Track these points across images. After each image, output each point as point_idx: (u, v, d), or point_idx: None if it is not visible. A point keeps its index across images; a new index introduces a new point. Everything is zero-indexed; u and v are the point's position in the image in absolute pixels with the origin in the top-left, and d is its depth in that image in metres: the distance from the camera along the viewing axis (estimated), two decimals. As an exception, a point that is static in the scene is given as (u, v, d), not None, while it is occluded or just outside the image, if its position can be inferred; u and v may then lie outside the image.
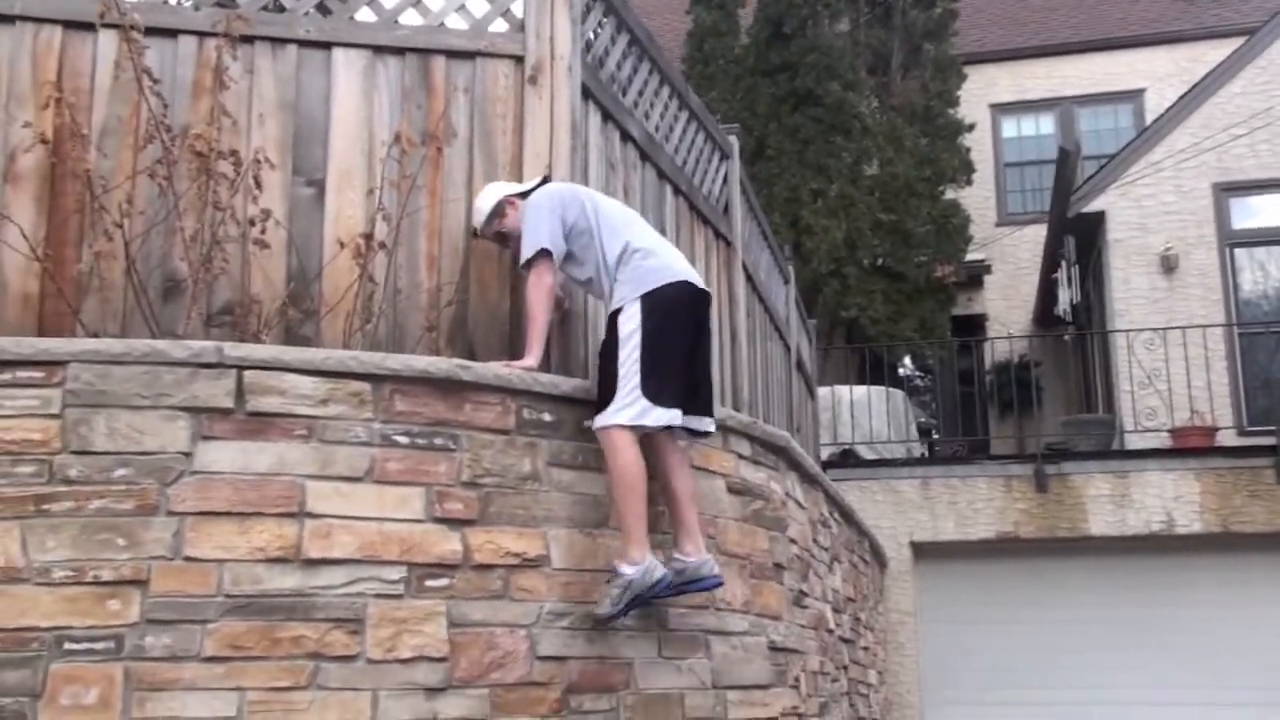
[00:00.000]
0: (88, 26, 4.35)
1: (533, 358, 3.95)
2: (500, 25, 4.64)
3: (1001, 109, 18.75)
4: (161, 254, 4.22)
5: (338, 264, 4.24)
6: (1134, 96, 18.39)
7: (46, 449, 3.34)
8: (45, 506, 3.30)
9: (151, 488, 3.36)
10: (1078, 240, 14.38)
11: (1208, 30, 18.28)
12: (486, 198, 4.31)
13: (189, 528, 3.36)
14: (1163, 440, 12.06)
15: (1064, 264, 14.57)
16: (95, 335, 3.91)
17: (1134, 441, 12.31)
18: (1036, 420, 13.61)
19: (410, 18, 4.65)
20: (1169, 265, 13.47)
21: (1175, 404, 12.18)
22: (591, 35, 4.95)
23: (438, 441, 3.66)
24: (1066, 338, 15.77)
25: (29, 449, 3.34)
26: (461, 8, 4.67)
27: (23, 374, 3.39)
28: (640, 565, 3.77)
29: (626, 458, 3.78)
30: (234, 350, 3.51)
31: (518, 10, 4.65)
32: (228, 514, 3.39)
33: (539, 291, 4.02)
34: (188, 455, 3.40)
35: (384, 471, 3.56)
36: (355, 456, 3.54)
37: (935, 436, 16.26)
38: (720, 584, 4.12)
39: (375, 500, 3.54)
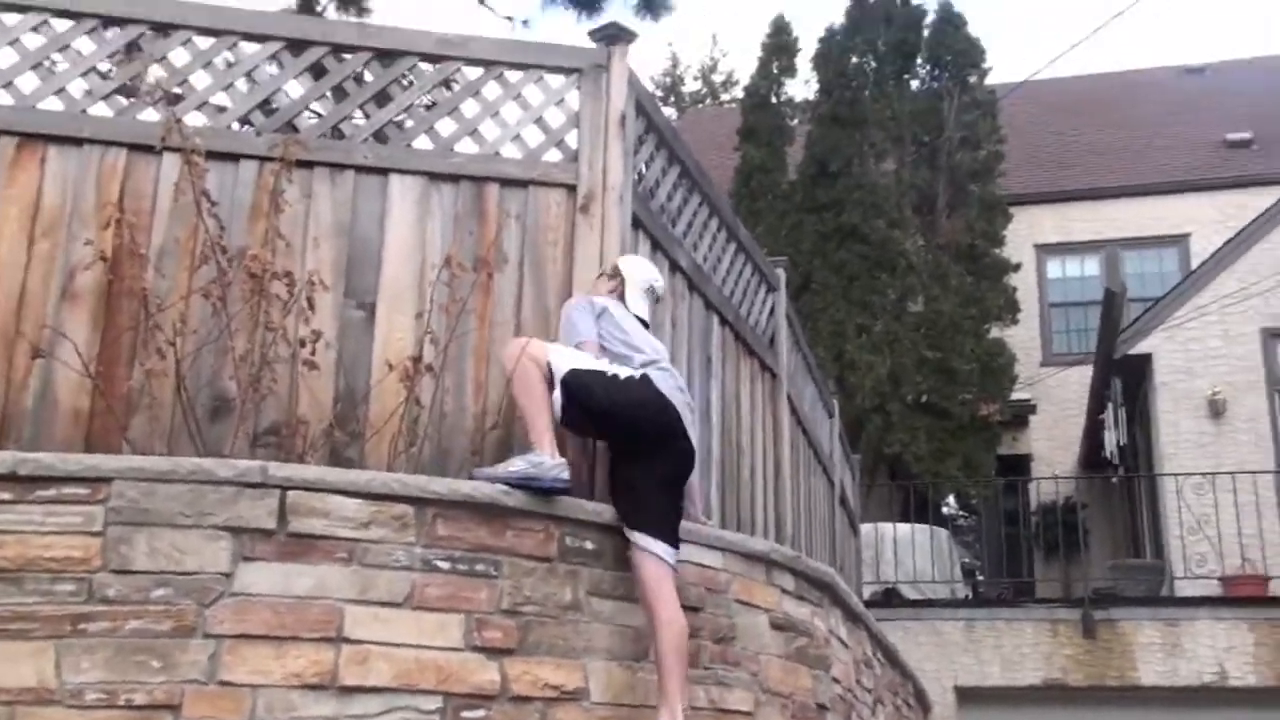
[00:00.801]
0: (152, 149, 4.45)
1: None
2: (554, 155, 4.71)
3: (1047, 249, 18.81)
4: (211, 373, 4.25)
5: (385, 386, 4.24)
6: (1179, 241, 18.41)
7: (86, 567, 3.32)
8: (82, 626, 3.27)
9: (190, 608, 3.32)
10: (1124, 382, 14.27)
11: (1252, 178, 18.36)
12: None
13: (225, 650, 3.31)
14: (1213, 588, 11.78)
15: (1110, 406, 14.44)
16: (142, 453, 3.92)
17: (1184, 588, 12.03)
18: (1083, 564, 13.35)
19: (465, 145, 4.73)
20: (1217, 409, 13.32)
21: (1225, 551, 11.91)
22: (643, 166, 5.02)
23: (479, 568, 3.61)
24: (1114, 480, 15.55)
25: (69, 567, 3.32)
26: (516, 137, 4.75)
27: (68, 490, 3.38)
28: None
29: None
30: (279, 470, 3.50)
31: (571, 141, 4.72)
32: (265, 637, 3.34)
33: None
34: (228, 576, 3.37)
35: (424, 597, 3.51)
36: (396, 581, 3.49)
37: (979, 578, 15.97)
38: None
39: (414, 627, 3.48)
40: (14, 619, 3.23)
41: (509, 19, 11.69)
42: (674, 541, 3.86)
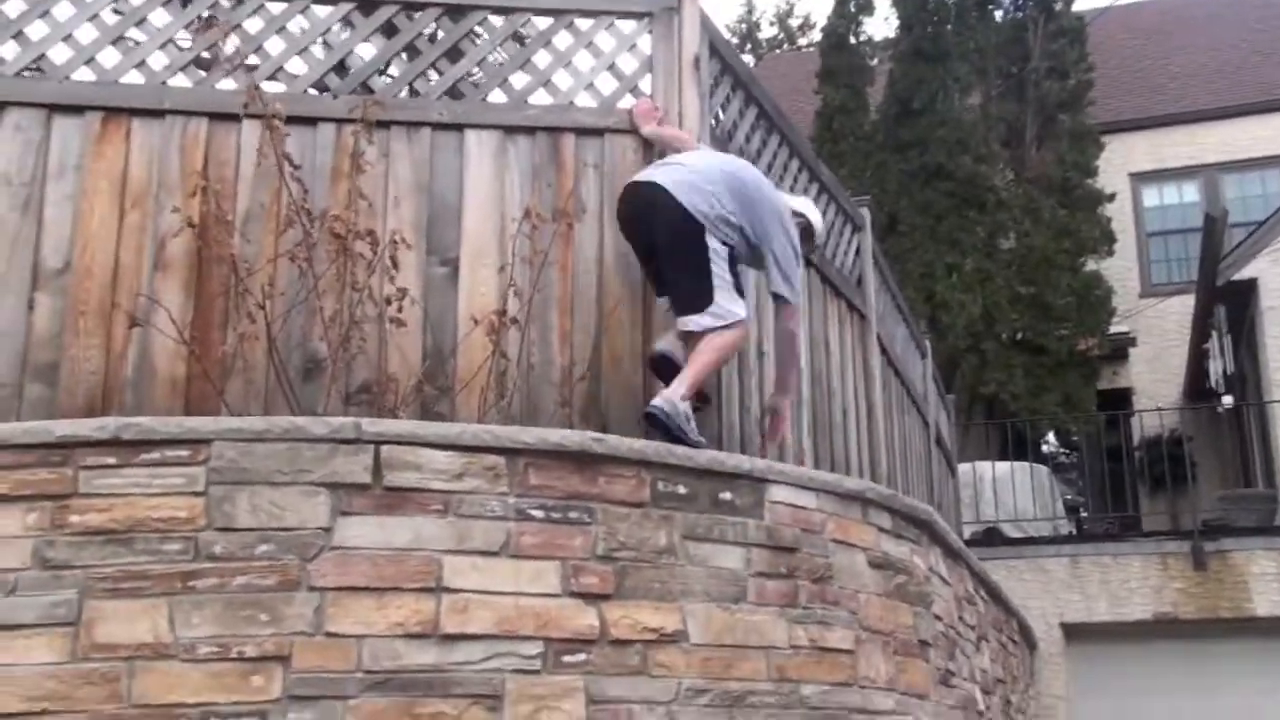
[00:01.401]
0: (232, 118, 4.51)
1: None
2: (628, 101, 4.68)
3: (1142, 178, 18.33)
4: (301, 334, 4.31)
5: (471, 341, 4.27)
6: (1281, 161, 17.82)
7: (192, 526, 3.39)
8: (191, 583, 3.34)
9: (293, 564, 3.38)
10: (1228, 310, 13.89)
11: (1358, 91, 17.68)
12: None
13: (329, 603, 3.36)
14: (1329, 516, 11.48)
15: (1215, 334, 14.07)
16: (239, 415, 4.00)
17: (1298, 516, 11.73)
18: (1191, 496, 13.07)
19: (539, 97, 4.72)
20: (1327, 333, 12.92)
21: (1341, 476, 11.59)
22: (720, 109, 4.97)
23: (572, 515, 3.62)
24: (1220, 410, 15.15)
25: (176, 526, 3.39)
26: (590, 86, 4.73)
27: (170, 453, 3.45)
28: None
29: None
30: (371, 426, 3.54)
31: (645, 86, 4.69)
32: (366, 589, 3.39)
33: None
34: (327, 531, 3.42)
35: (520, 546, 3.53)
36: (491, 531, 3.52)
37: (1083, 514, 15.72)
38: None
39: (511, 575, 3.51)
40: (127, 578, 3.32)
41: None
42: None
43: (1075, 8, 17.64)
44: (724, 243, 4.23)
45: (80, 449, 3.39)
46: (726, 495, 3.87)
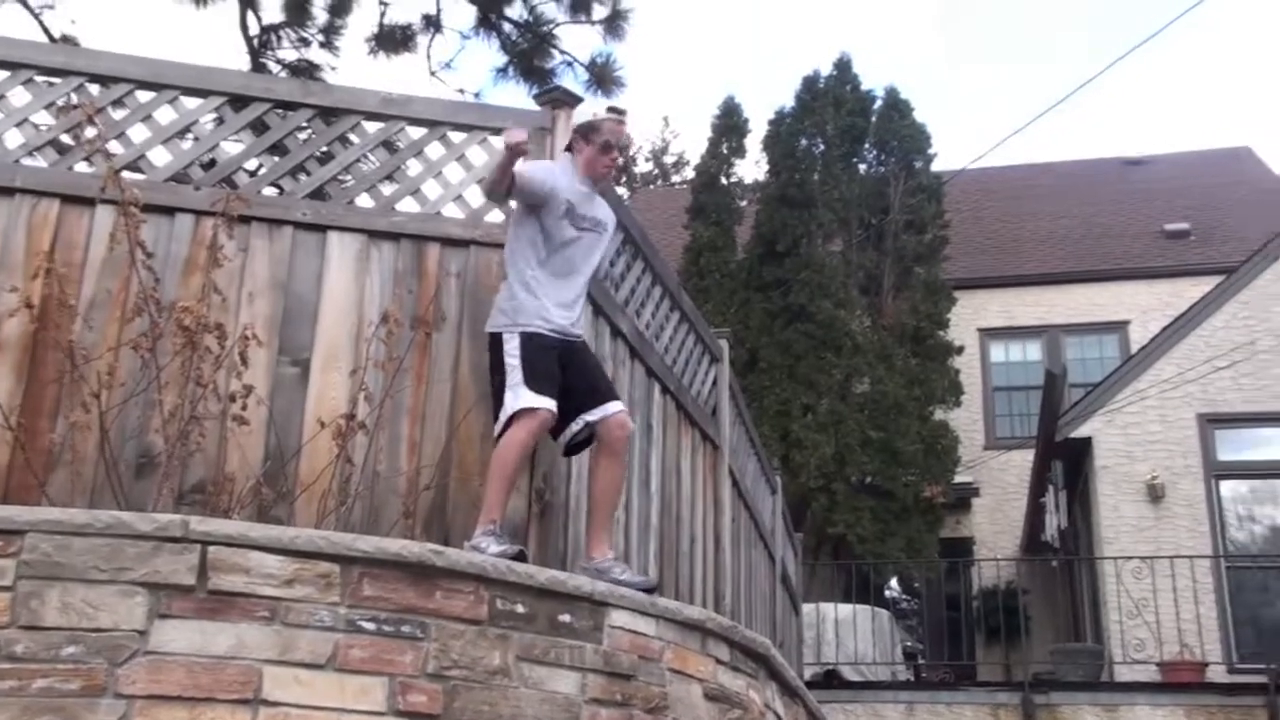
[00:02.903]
0: (86, 201, 4.39)
1: None
2: (496, 215, 4.69)
3: (990, 334, 19.06)
4: (138, 428, 4.15)
5: (317, 444, 4.16)
6: (1119, 327, 18.73)
7: (-6, 622, 3.19)
8: (-13, 684, 3.13)
9: (100, 668, 3.18)
10: (1065, 466, 14.37)
11: (1190, 268, 18.77)
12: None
13: (136, 712, 3.17)
14: (1152, 673, 11.78)
15: (1051, 489, 14.52)
16: (62, 508, 3.80)
17: (1123, 673, 12.03)
18: (1024, 648, 13.31)
19: (407, 204, 4.70)
20: (1156, 494, 13.42)
21: (1164, 636, 11.94)
22: (586, 230, 4.99)
23: (405, 629, 3.50)
24: (1054, 564, 15.58)
25: (-25, 622, 3.19)
26: (459, 197, 4.73)
27: (-21, 543, 3.26)
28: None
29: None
30: (200, 525, 3.39)
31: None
32: (179, 698, 3.21)
33: None
34: (142, 634, 3.24)
35: (347, 659, 3.39)
36: (318, 641, 3.37)
37: (921, 661, 15.88)
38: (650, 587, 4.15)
39: (336, 690, 3.36)
40: (-85, 675, 3.10)
41: (460, 91, 11.75)
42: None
43: (934, 167, 18.44)
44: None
45: (-121, 534, 3.19)
46: (565, 617, 3.79)
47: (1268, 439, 13.61)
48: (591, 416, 4.25)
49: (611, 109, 4.55)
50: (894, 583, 18.26)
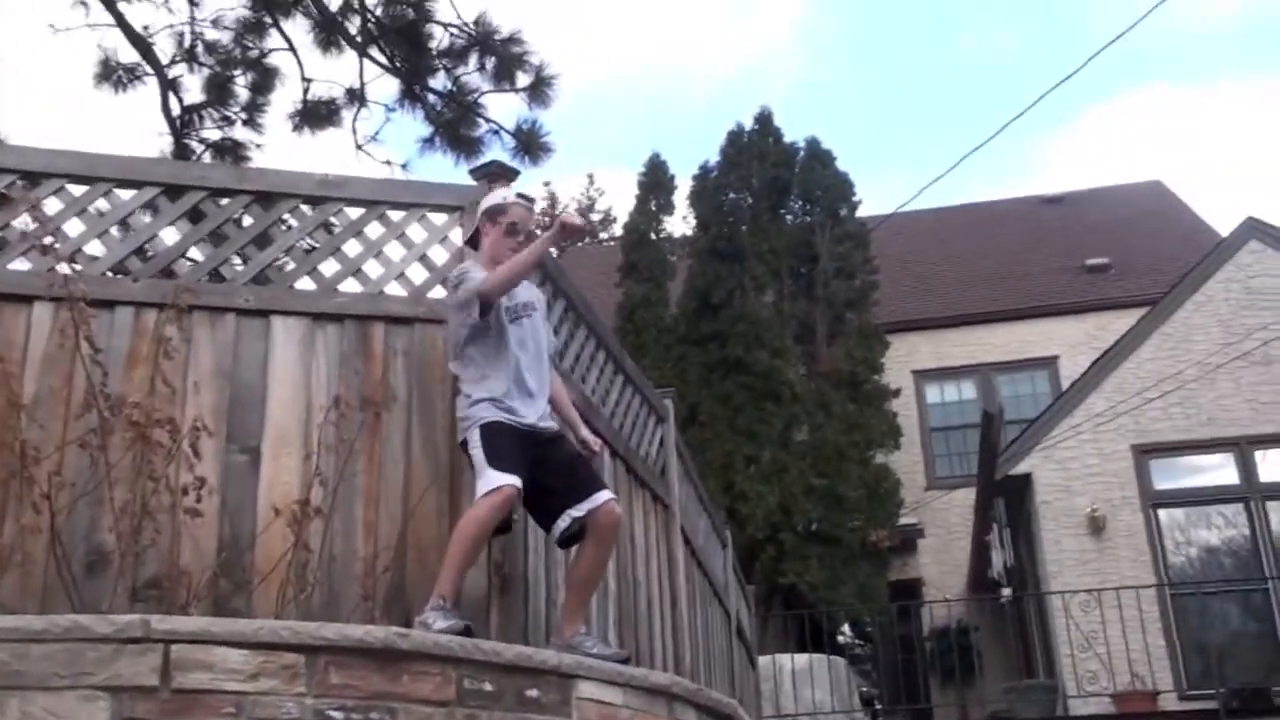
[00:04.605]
0: (24, 299, 4.34)
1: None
2: (439, 291, 4.70)
3: (924, 375, 19.30)
4: (89, 526, 4.09)
5: (272, 532, 4.12)
6: (1049, 363, 19.06)
7: (-48, 735, 3.12)
8: (-55, 800, 3.06)
9: (64, 776, 3.13)
10: (1007, 502, 14.55)
11: (1112, 301, 19.17)
12: None
13: (104, 818, 3.11)
14: (1105, 705, 11.91)
15: (995, 527, 14.68)
16: (12, 613, 3.73)
17: (1077, 707, 12.14)
18: (979, 686, 13.38)
19: (349, 285, 4.71)
20: (1097, 526, 13.63)
21: (1115, 667, 12.08)
22: (529, 301, 5.02)
23: (373, 716, 3.46)
24: (1003, 601, 15.71)
25: (-67, 736, 3.12)
26: (401, 275, 4.75)
27: (-68, 654, 3.19)
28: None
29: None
30: (161, 624, 3.34)
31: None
32: (145, 804, 3.16)
33: None
34: (106, 739, 3.19)
35: (316, 751, 3.36)
36: (286, 735, 3.34)
37: (878, 706, 15.91)
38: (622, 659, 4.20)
39: (306, 782, 3.32)
40: None
41: (387, 163, 11.76)
42: None
43: (860, 213, 18.73)
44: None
45: None
46: (533, 692, 3.78)
47: (1200, 466, 13.90)
48: (578, 512, 4.24)
49: (520, 195, 4.61)
50: (846, 628, 18.31)
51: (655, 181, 18.63)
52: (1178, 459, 13.93)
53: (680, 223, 18.82)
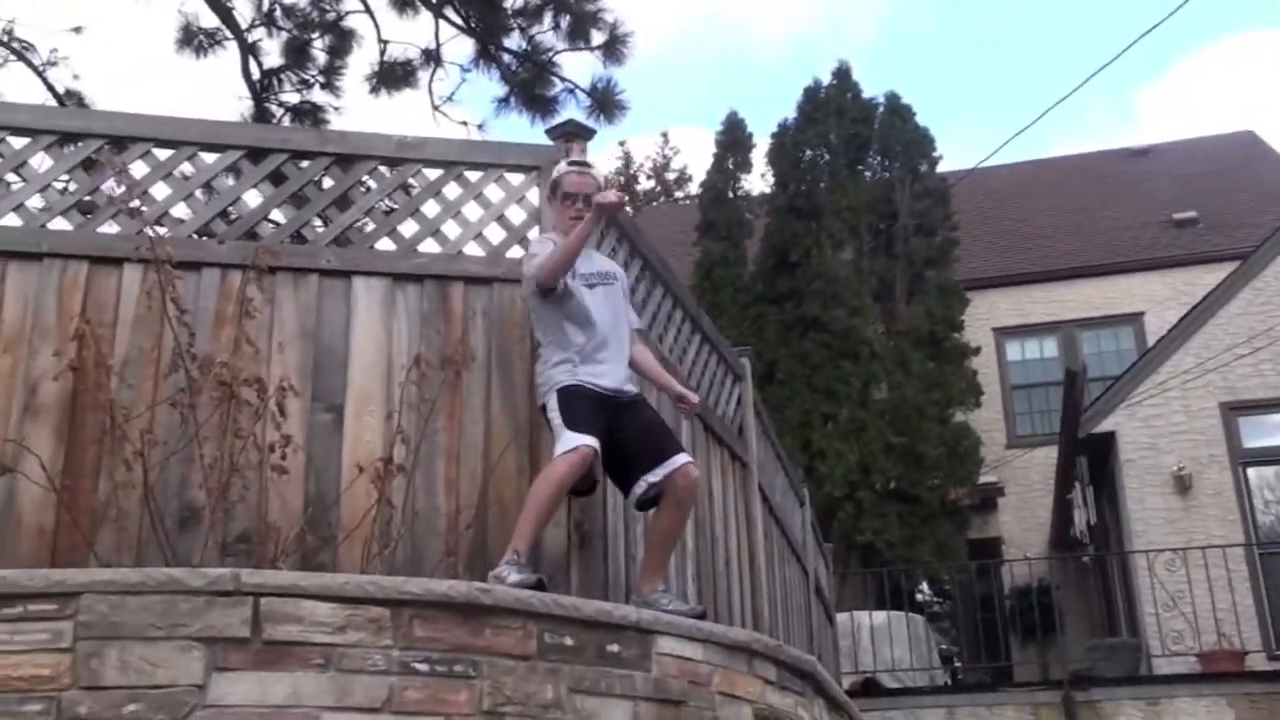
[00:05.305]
0: (113, 261, 4.44)
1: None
2: (517, 251, 4.73)
3: (1005, 332, 19.02)
4: (179, 483, 4.20)
5: (356, 489, 4.21)
6: (1133, 319, 18.68)
7: (55, 685, 3.23)
8: (51, 746, 3.17)
9: (162, 723, 3.23)
10: (1090, 461, 14.35)
11: (1201, 255, 18.72)
12: None
13: (201, 764, 3.21)
14: (1191, 664, 11.74)
15: (1077, 485, 14.50)
16: (110, 566, 3.84)
17: (1161, 666, 11.99)
18: (1060, 645, 13.27)
19: (429, 245, 4.75)
20: (1183, 485, 13.40)
21: (1201, 626, 11.90)
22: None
23: (458, 669, 3.53)
24: (1086, 559, 15.54)
25: (37, 685, 3.22)
26: (479, 235, 4.78)
27: (34, 607, 3.30)
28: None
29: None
30: (251, 577, 3.43)
31: (533, 236, 4.75)
32: (240, 749, 3.25)
33: None
34: (201, 688, 3.28)
35: (402, 701, 3.43)
36: (373, 686, 3.41)
37: (958, 664, 15.84)
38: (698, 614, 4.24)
39: (393, 732, 3.40)
40: (-19, 742, 3.14)
41: (464, 124, 11.82)
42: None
43: (940, 168, 18.47)
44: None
45: (-62, 604, 3.23)
46: (614, 647, 3.82)
47: (1292, 424, 13.59)
48: (654, 478, 4.27)
49: (573, 162, 4.61)
50: (925, 586, 18.23)
51: (733, 140, 18.49)
52: (1268, 417, 13.62)
53: (758, 181, 18.69)
